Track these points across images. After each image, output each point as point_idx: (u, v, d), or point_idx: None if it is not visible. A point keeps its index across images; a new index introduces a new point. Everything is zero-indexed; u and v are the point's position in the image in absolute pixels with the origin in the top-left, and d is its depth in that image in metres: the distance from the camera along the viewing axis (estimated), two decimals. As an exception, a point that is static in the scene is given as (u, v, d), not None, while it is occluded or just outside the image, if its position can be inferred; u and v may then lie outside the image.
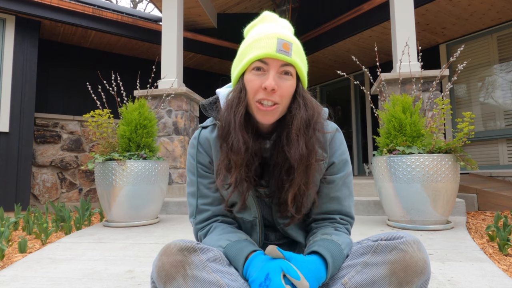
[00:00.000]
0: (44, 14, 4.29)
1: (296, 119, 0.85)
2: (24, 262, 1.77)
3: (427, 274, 0.75)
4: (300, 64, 0.87)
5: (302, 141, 0.84)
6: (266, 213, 0.97)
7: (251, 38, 0.88)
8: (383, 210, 2.90)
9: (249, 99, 0.86)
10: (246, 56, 0.86)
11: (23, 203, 4.06)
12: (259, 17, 0.97)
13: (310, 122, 0.86)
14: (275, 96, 0.83)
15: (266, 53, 0.82)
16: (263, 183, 0.94)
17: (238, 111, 0.85)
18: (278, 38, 0.83)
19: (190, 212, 0.99)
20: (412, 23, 3.54)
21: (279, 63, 0.83)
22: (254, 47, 0.85)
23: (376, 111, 2.83)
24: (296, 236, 0.97)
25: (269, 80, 0.81)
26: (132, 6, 17.16)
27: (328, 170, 0.95)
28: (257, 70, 0.84)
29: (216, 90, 1.01)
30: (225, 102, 0.90)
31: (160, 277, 0.73)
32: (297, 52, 0.86)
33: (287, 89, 0.84)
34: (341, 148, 0.96)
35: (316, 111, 0.89)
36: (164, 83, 3.99)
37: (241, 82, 0.88)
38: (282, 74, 0.84)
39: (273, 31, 0.86)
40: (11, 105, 4.11)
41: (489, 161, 4.57)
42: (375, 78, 5.08)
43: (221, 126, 0.89)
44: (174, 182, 3.92)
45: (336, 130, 0.97)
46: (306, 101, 0.88)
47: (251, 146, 0.85)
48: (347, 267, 0.80)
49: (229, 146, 0.85)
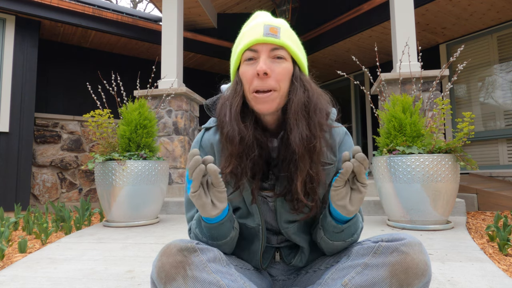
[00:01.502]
0: (44, 14, 4.29)
1: (293, 102, 0.81)
2: (24, 262, 1.76)
3: (428, 277, 0.74)
4: (292, 45, 0.83)
5: (303, 123, 0.80)
6: (270, 218, 0.94)
7: (240, 33, 0.89)
8: (383, 210, 2.90)
9: (245, 91, 0.84)
10: (236, 49, 0.87)
11: (23, 203, 4.06)
12: (252, 16, 0.96)
13: (310, 104, 0.82)
14: (270, 81, 0.80)
15: (254, 39, 0.81)
16: (267, 186, 0.91)
17: (234, 102, 0.83)
18: (264, 24, 0.83)
19: (189, 217, 0.96)
20: (412, 23, 3.54)
21: (268, 47, 0.81)
22: (243, 38, 0.85)
23: (376, 111, 2.82)
24: (299, 241, 0.95)
25: (259, 64, 0.79)
26: (132, 6, 17.16)
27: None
28: (249, 60, 0.83)
29: (221, 86, 1.00)
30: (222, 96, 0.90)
31: (160, 278, 0.73)
32: (287, 34, 0.84)
33: (282, 71, 0.81)
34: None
35: (317, 93, 0.85)
36: (164, 83, 3.99)
37: (237, 76, 0.87)
38: (275, 59, 0.82)
39: (261, 20, 0.85)
40: (11, 105, 4.11)
41: (489, 161, 4.57)
42: (375, 78, 5.08)
43: (218, 119, 0.87)
44: (174, 182, 3.92)
45: (345, 133, 0.94)
46: (304, 82, 0.84)
47: (249, 136, 0.82)
48: (347, 267, 0.79)
49: (224, 136, 0.83)
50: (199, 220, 0.87)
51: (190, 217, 0.96)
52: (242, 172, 0.83)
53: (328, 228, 0.85)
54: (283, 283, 0.99)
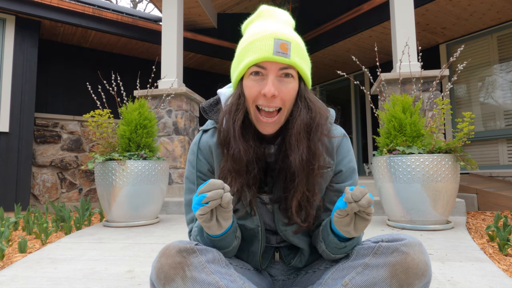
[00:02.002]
0: (44, 14, 4.29)
1: (296, 123, 0.81)
2: (24, 262, 1.76)
3: (428, 277, 0.74)
4: (301, 64, 0.81)
5: (303, 145, 0.80)
6: (268, 219, 0.94)
7: (247, 39, 0.84)
8: (383, 210, 2.90)
9: (248, 105, 0.83)
10: (243, 60, 0.82)
11: (23, 203, 4.06)
12: (256, 12, 0.91)
13: (312, 125, 0.82)
14: (277, 101, 0.79)
15: (263, 56, 0.78)
16: (266, 189, 0.91)
17: (237, 118, 0.82)
18: (275, 38, 0.78)
19: (189, 219, 0.96)
20: (412, 23, 3.54)
21: (277, 66, 0.79)
22: (250, 49, 0.80)
23: (376, 111, 2.82)
24: (299, 243, 0.94)
25: (268, 86, 0.78)
26: (132, 6, 17.16)
27: (335, 178, 0.91)
28: (255, 75, 0.80)
29: (218, 90, 0.98)
30: (224, 106, 0.88)
31: (159, 279, 0.73)
32: (296, 51, 0.81)
33: (289, 92, 0.80)
34: (348, 156, 0.92)
35: (320, 113, 0.84)
36: (164, 83, 3.99)
37: (240, 87, 0.84)
38: (283, 77, 0.80)
39: (270, 30, 0.80)
40: (11, 105, 4.11)
41: (489, 161, 4.57)
42: (375, 78, 5.08)
43: (219, 132, 0.86)
44: (174, 182, 3.92)
45: (343, 136, 0.92)
46: (308, 102, 0.83)
47: (251, 154, 0.82)
48: (347, 267, 0.80)
49: (230, 155, 0.82)
50: (202, 230, 0.86)
51: (190, 219, 0.96)
52: (243, 188, 0.84)
53: (330, 245, 0.85)
54: (283, 283, 0.99)
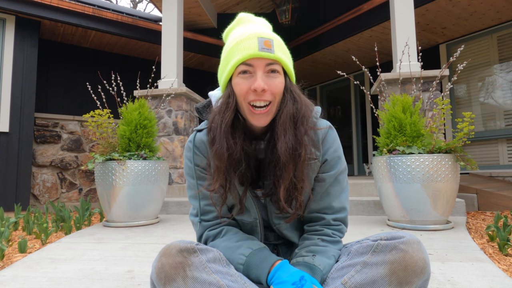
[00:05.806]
0: (44, 14, 4.28)
1: (283, 113, 0.84)
2: (24, 262, 1.77)
3: (427, 274, 0.75)
4: (285, 59, 0.86)
5: (290, 133, 0.83)
6: (264, 214, 0.97)
7: (231, 42, 0.88)
8: (383, 210, 2.90)
9: (239, 102, 0.85)
10: (230, 61, 0.86)
11: (23, 203, 4.06)
12: (235, 20, 0.97)
13: (298, 115, 0.85)
14: (267, 95, 0.82)
15: (249, 54, 0.82)
16: (260, 184, 0.93)
17: (226, 117, 0.84)
18: (258, 37, 0.83)
19: (194, 212, 0.98)
20: (412, 23, 3.54)
21: (264, 62, 0.83)
22: (236, 50, 0.84)
23: (376, 111, 2.83)
24: (292, 237, 0.97)
25: (257, 81, 0.81)
26: (132, 6, 17.15)
27: (321, 168, 0.93)
28: (243, 74, 0.84)
29: (209, 93, 1.00)
30: (215, 107, 0.90)
31: (160, 279, 0.73)
32: (279, 47, 0.86)
33: (277, 86, 0.84)
34: (333, 146, 0.94)
35: (305, 104, 0.88)
36: (164, 83, 4.00)
37: (229, 87, 0.87)
38: (269, 73, 0.84)
39: (252, 31, 0.85)
40: (11, 105, 4.11)
41: (489, 161, 4.57)
42: (375, 78, 5.08)
43: (209, 131, 0.88)
44: (174, 182, 3.92)
45: (329, 127, 0.95)
46: (294, 94, 0.87)
47: (237, 150, 0.84)
48: (347, 266, 0.80)
49: (213, 152, 0.85)
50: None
51: (195, 213, 0.99)
52: (230, 185, 0.87)
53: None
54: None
